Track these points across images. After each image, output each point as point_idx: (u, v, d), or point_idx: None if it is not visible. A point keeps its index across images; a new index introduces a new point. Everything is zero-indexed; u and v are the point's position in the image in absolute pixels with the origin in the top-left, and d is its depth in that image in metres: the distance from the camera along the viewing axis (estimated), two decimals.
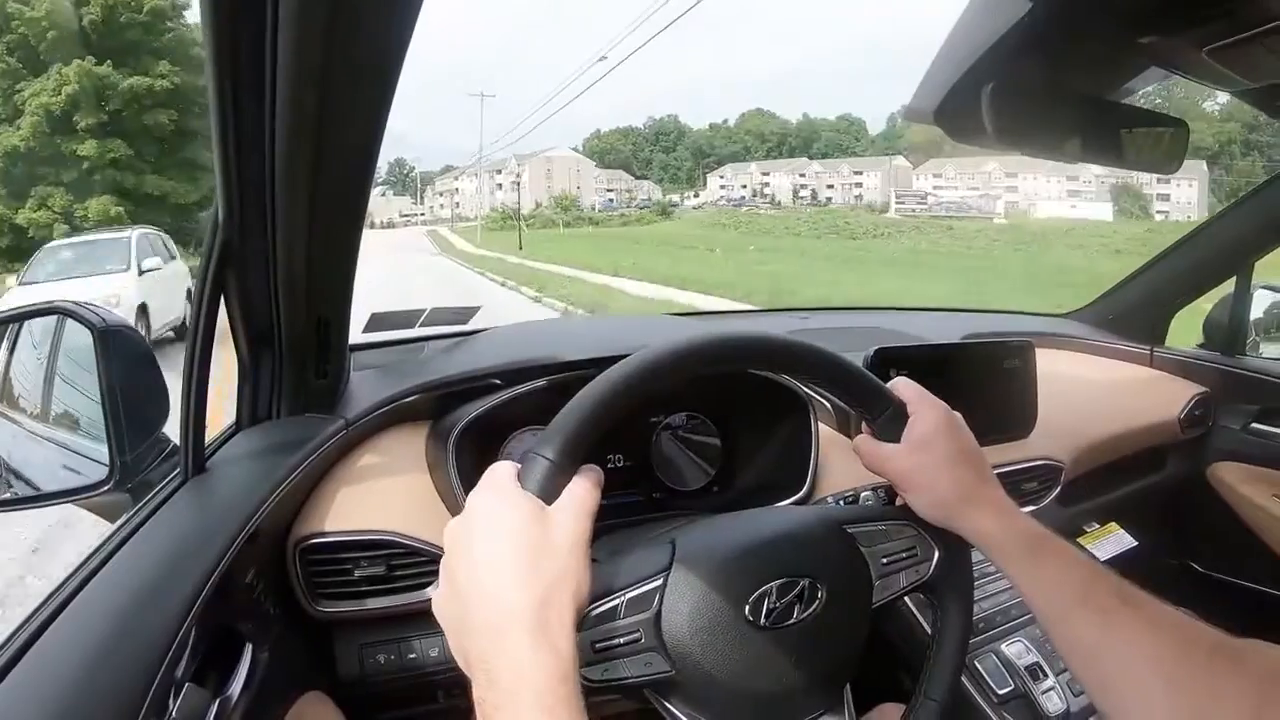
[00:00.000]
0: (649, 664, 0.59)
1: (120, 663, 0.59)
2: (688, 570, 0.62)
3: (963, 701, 1.03)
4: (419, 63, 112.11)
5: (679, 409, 1.17)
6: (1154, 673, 0.57)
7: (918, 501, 0.70)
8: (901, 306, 2.30)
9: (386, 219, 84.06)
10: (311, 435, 0.94)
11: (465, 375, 1.12)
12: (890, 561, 0.69)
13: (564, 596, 0.50)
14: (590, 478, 0.56)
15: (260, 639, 0.81)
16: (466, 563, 0.51)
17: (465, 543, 0.52)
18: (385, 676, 0.97)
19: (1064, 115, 0.91)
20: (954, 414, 0.72)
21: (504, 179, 78.57)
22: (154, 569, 0.70)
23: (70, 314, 0.93)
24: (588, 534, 0.53)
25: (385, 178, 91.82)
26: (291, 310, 0.90)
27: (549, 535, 0.52)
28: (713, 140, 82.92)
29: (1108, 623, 0.61)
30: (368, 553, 0.93)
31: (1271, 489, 1.62)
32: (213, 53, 0.63)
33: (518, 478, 0.55)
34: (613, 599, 0.59)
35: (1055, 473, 1.36)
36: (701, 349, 0.63)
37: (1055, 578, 0.64)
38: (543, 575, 0.50)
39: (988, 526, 0.67)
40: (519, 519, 0.51)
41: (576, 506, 0.54)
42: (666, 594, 0.61)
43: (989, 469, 0.71)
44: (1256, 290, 1.69)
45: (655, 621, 0.60)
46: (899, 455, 0.70)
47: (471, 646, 0.49)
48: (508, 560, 0.50)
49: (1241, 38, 0.70)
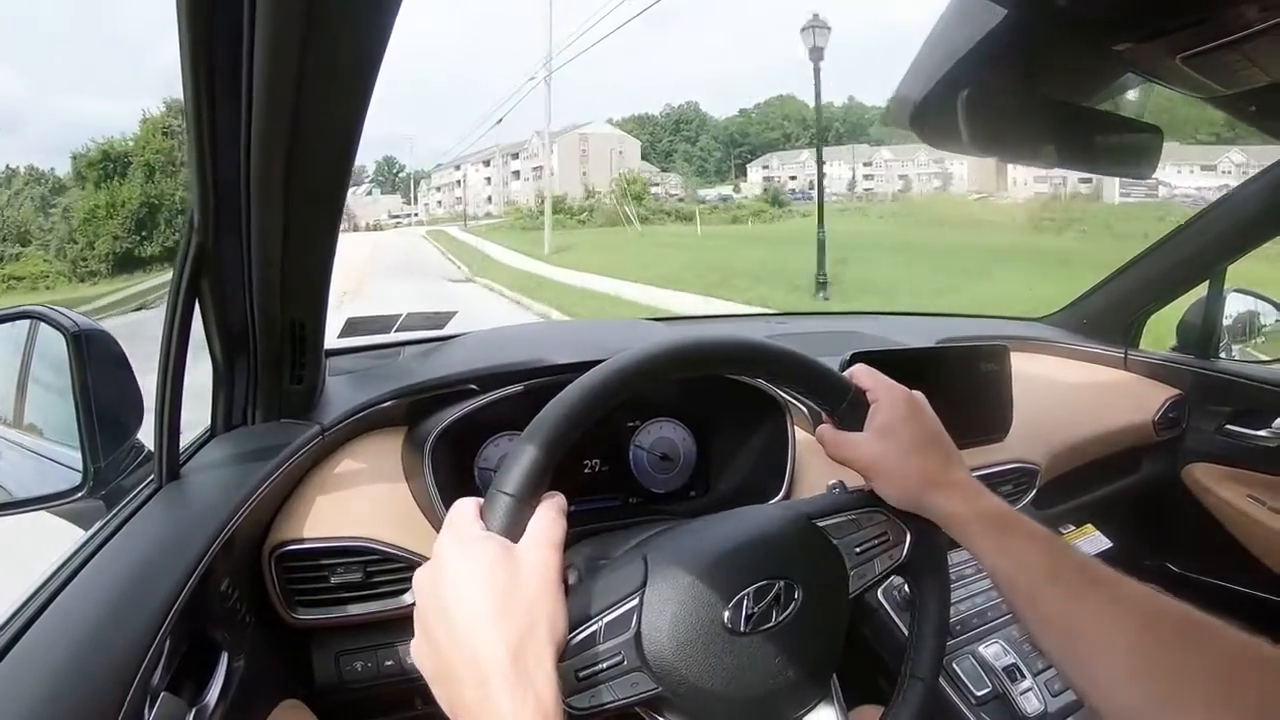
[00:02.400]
0: (635, 684, 0.59)
1: (95, 672, 0.58)
2: (663, 585, 0.61)
3: (941, 703, 1.04)
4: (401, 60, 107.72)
5: (656, 414, 1.17)
6: (1124, 648, 0.58)
7: (884, 488, 0.70)
8: (878, 311, 2.31)
9: (373, 220, 73.82)
10: (287, 441, 0.94)
11: (441, 380, 1.12)
12: (863, 550, 0.69)
13: (540, 637, 0.50)
14: (553, 508, 0.56)
15: (236, 647, 0.80)
16: (439, 615, 0.51)
17: (435, 592, 0.52)
18: (363, 683, 0.96)
19: (1040, 122, 0.92)
20: (915, 395, 0.73)
21: (523, 165, 62.32)
22: (128, 577, 0.69)
23: (43, 318, 0.92)
24: (557, 567, 0.53)
25: (373, 177, 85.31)
26: (266, 315, 0.89)
27: (518, 575, 0.51)
28: (745, 127, 70.88)
29: (1076, 599, 0.61)
30: (344, 559, 0.93)
31: (1246, 489, 1.65)
32: (188, 54, 0.63)
33: (480, 516, 0.54)
34: (591, 625, 0.59)
35: (1031, 475, 1.37)
36: (654, 358, 0.63)
37: (1023, 556, 0.64)
38: (516, 619, 0.49)
39: (954, 509, 0.68)
40: (485, 563, 0.51)
41: (543, 540, 0.54)
42: (644, 612, 0.60)
43: (954, 450, 0.72)
44: (1229, 294, 1.71)
45: (636, 641, 0.59)
46: (863, 443, 0.71)
47: (454, 696, 0.49)
48: (479, 607, 0.49)
49: (1217, 45, 0.71)
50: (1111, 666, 0.58)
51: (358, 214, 72.12)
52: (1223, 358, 1.74)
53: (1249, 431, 1.65)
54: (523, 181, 62.55)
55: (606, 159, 57.16)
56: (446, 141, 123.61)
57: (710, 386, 1.14)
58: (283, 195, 0.75)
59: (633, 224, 36.16)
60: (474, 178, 70.30)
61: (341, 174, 0.76)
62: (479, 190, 69.73)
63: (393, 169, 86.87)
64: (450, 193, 74.98)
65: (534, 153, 59.19)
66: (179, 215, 27.75)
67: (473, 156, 69.87)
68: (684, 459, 1.18)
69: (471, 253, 25.56)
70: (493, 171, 67.75)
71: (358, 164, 0.99)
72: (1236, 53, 0.72)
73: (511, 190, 63.43)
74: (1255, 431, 1.64)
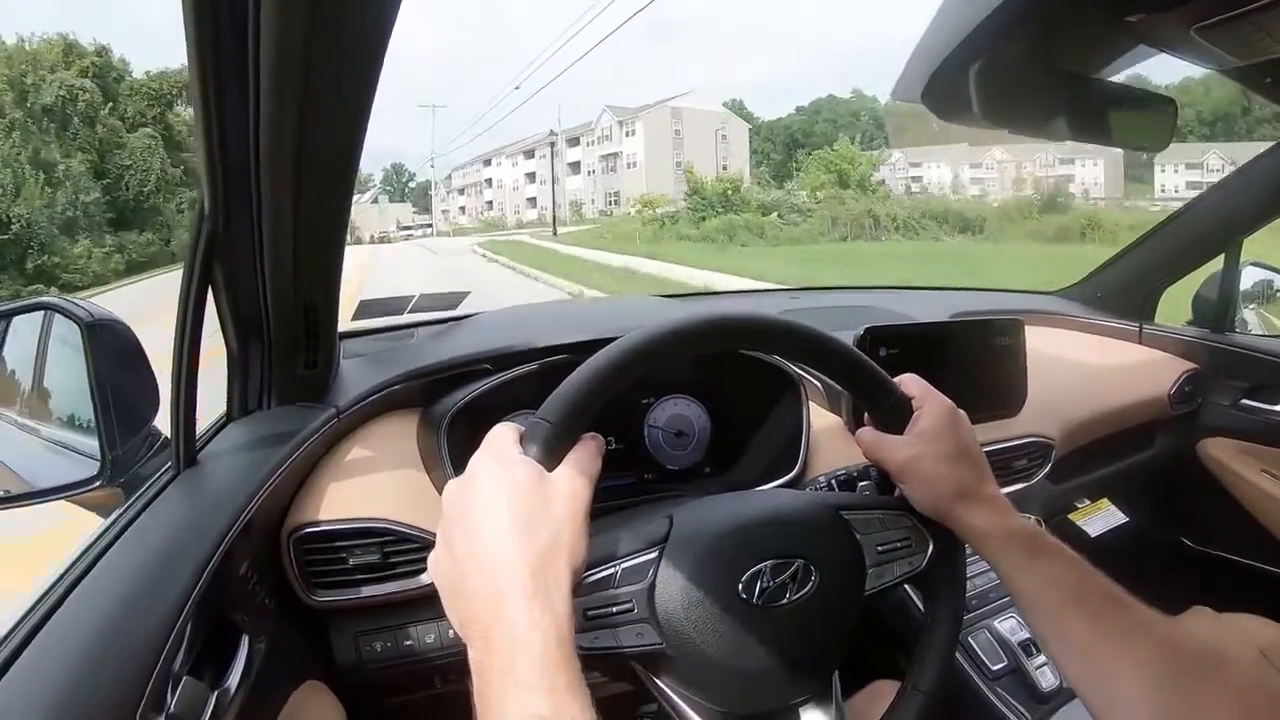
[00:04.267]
0: (640, 635, 0.60)
1: (117, 657, 0.59)
2: (684, 544, 0.62)
3: (957, 678, 1.04)
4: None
5: (670, 391, 1.17)
6: (1143, 673, 0.58)
7: (915, 494, 0.71)
8: (891, 286, 2.30)
9: (380, 232, 62.91)
10: (302, 425, 0.94)
11: (455, 361, 1.12)
12: (885, 550, 0.70)
13: (560, 561, 0.50)
14: (592, 445, 0.57)
15: (257, 630, 0.81)
16: (464, 526, 0.52)
17: (464, 506, 0.52)
18: (382, 664, 0.97)
19: (1052, 94, 0.91)
20: (959, 411, 0.73)
21: (586, 154, 47.11)
22: (148, 563, 0.69)
23: (57, 309, 0.92)
24: (588, 499, 0.54)
25: (380, 186, 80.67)
26: (279, 299, 0.89)
27: (548, 501, 0.52)
28: (807, 127, 63.83)
29: (1100, 622, 0.62)
30: (361, 541, 0.93)
31: (1261, 464, 1.64)
32: (194, 39, 0.63)
33: (520, 442, 0.55)
34: (608, 567, 0.60)
35: (1046, 450, 1.36)
36: (713, 324, 0.63)
37: (1050, 576, 0.65)
38: (540, 540, 0.50)
39: (983, 524, 0.68)
40: (518, 484, 0.52)
41: (577, 472, 0.54)
42: (662, 566, 0.61)
43: (988, 469, 0.72)
44: (1245, 267, 1.70)
45: (649, 593, 0.60)
46: (901, 447, 0.71)
47: (468, 609, 0.50)
48: (505, 525, 0.50)
49: (1230, 15, 0.70)
50: (1134, 685, 0.59)
51: (361, 225, 62.89)
52: (1239, 332, 1.72)
53: (1265, 406, 1.64)
54: (586, 176, 48.80)
55: (707, 143, 43.48)
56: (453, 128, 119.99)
57: (725, 363, 1.14)
58: (293, 178, 0.75)
59: (727, 243, 22.20)
60: (509, 175, 57.03)
61: (351, 155, 0.76)
62: (516, 191, 56.82)
63: (401, 177, 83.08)
64: (477, 196, 62.91)
65: (605, 134, 44.84)
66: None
67: (508, 148, 56.89)
68: (698, 436, 1.18)
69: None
70: (537, 165, 52.89)
71: (363, 172, 0.97)
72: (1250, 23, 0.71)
73: (570, 188, 49.80)
74: (1271, 406, 1.63)
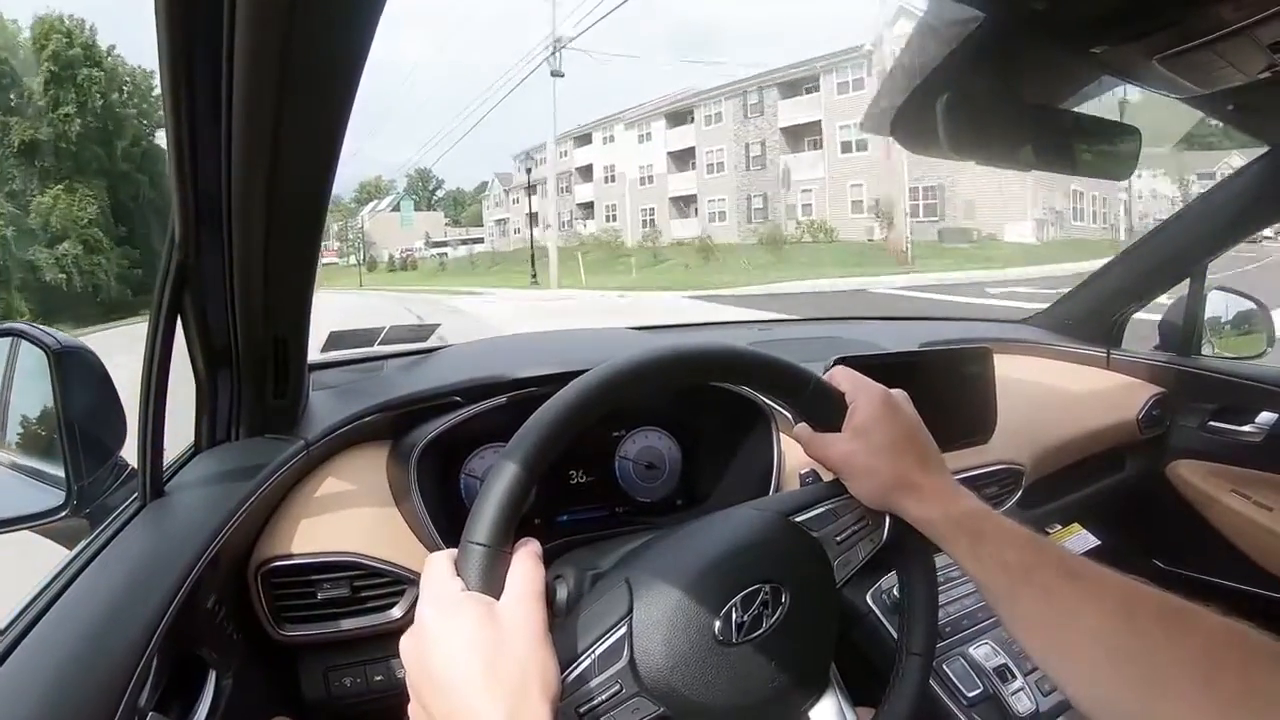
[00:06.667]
0: (637, 710, 0.58)
1: (82, 692, 0.58)
2: (650, 607, 0.60)
3: (933, 705, 1.04)
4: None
5: (641, 423, 1.16)
6: (1102, 638, 0.58)
7: (858, 488, 0.71)
8: (861, 316, 2.32)
9: (404, 251, 49.87)
10: (271, 457, 0.93)
11: (425, 393, 1.11)
12: (844, 539, 0.70)
13: (534, 695, 0.49)
14: (529, 554, 0.55)
15: (224, 665, 0.79)
16: (431, 685, 0.50)
17: (424, 665, 0.51)
18: (352, 699, 0.96)
19: (1018, 125, 0.93)
20: (893, 395, 0.73)
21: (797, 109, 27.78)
22: (113, 596, 0.68)
23: (24, 335, 0.91)
24: (543, 620, 0.52)
25: (401, 194, 66.05)
26: (249, 330, 0.89)
27: (503, 641, 0.50)
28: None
29: (1053, 594, 0.61)
30: (331, 574, 0.92)
31: (1230, 484, 1.66)
32: (167, 66, 0.63)
33: (456, 571, 0.53)
34: (583, 660, 0.58)
35: (1017, 476, 1.37)
36: (621, 373, 0.62)
37: (998, 558, 0.64)
38: (508, 683, 0.49)
39: (925, 513, 0.68)
40: (469, 626, 0.50)
41: (524, 593, 0.53)
42: (635, 638, 0.59)
43: (932, 452, 0.72)
44: (1210, 291, 1.73)
45: (631, 668, 0.58)
46: (836, 442, 0.71)
47: None
48: (468, 674, 0.49)
49: (1191, 45, 0.72)
50: (1091, 657, 0.58)
51: (378, 241, 54.13)
52: (1205, 355, 1.75)
53: (1232, 427, 1.67)
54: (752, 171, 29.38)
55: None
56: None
57: (695, 395, 1.13)
58: (264, 209, 0.74)
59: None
60: (631, 157, 34.37)
61: (323, 185, 0.75)
62: (649, 185, 34.29)
63: (428, 184, 71.83)
64: (563, 196, 36.63)
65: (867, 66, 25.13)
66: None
67: (629, 112, 34.94)
68: (669, 468, 1.18)
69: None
70: (697, 135, 31.68)
71: (385, 179, 0.92)
72: (1211, 52, 0.73)
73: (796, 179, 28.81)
74: (1238, 427, 1.65)
